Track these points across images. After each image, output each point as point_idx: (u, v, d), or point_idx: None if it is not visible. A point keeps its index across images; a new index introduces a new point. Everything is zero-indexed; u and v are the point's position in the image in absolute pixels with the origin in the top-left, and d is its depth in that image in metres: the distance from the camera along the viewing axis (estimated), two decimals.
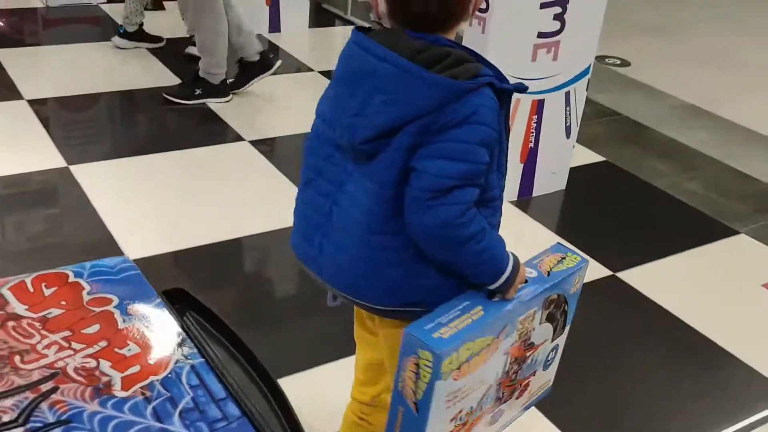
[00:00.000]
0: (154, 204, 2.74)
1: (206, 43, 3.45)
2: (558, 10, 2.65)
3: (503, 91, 1.20)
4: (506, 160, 1.30)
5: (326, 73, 4.07)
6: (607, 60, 4.59)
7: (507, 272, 1.25)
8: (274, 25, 4.51)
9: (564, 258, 1.43)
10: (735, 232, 2.92)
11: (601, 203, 3.11)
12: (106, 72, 3.89)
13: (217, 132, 3.35)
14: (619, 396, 2.10)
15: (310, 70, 4.15)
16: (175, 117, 3.51)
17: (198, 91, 3.51)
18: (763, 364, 2.23)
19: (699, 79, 4.53)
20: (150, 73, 3.85)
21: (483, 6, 2.55)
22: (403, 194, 1.18)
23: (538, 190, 3.01)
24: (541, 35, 2.67)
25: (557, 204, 3.03)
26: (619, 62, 4.63)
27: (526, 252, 1.40)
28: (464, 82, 1.14)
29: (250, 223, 2.67)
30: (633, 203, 3.12)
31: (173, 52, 4.10)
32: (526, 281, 1.32)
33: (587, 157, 3.38)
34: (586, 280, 1.48)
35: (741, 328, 2.40)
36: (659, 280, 2.58)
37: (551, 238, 2.80)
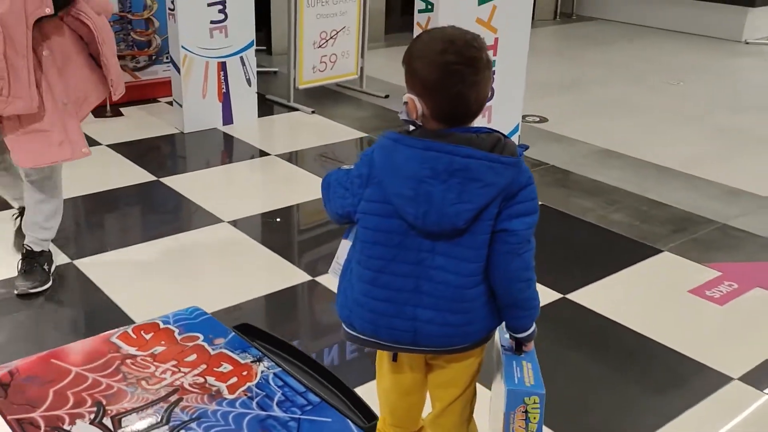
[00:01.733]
0: (159, 282, 3.04)
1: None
2: None
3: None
4: None
5: (283, 155, 4.49)
6: (527, 118, 5.16)
7: (530, 331, 1.64)
8: (227, 118, 4.92)
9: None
10: (659, 251, 3.42)
11: (542, 239, 3.53)
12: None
13: (195, 217, 3.69)
14: (580, 397, 2.49)
15: (265, 154, 4.55)
16: (149, 209, 3.84)
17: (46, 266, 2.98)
18: (699, 355, 2.67)
19: (607, 127, 5.13)
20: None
21: None
22: (488, 252, 1.52)
23: None
24: None
25: None
26: (538, 119, 5.20)
27: None
28: (520, 158, 1.50)
29: (248, 292, 3.00)
30: (570, 236, 3.60)
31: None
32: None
33: None
34: (543, 303, 1.82)
35: (676, 327, 2.85)
36: (603, 296, 3.03)
37: None
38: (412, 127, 1.56)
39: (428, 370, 1.72)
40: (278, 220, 3.56)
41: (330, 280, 3.09)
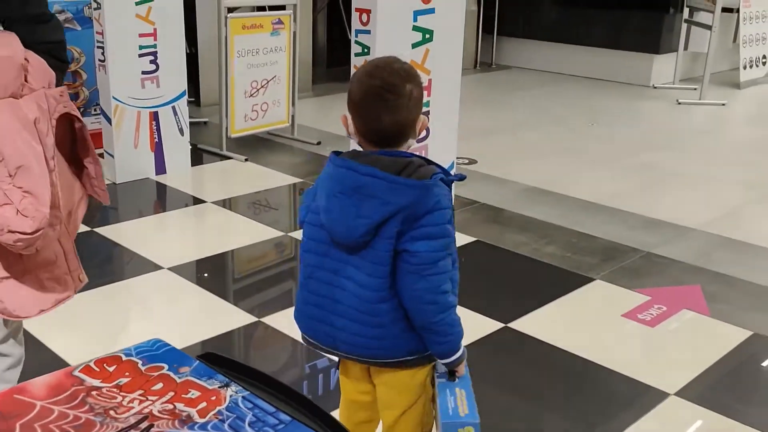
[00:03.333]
0: (97, 329, 2.98)
1: None
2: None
3: (449, 181, 1.64)
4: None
5: (218, 203, 4.49)
6: (458, 161, 5.31)
7: (462, 348, 1.66)
8: (160, 168, 4.89)
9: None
10: (591, 279, 3.56)
11: (481, 273, 3.67)
12: None
13: (132, 265, 3.64)
14: (528, 420, 2.57)
15: (200, 201, 4.54)
16: (85, 259, 3.76)
17: None
18: (636, 374, 2.79)
19: (533, 166, 5.34)
20: None
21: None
22: (393, 269, 1.60)
23: None
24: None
25: None
26: (467, 161, 5.37)
27: None
28: (428, 181, 1.58)
29: (192, 336, 2.98)
30: (507, 269, 3.72)
31: None
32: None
33: (462, 239, 3.97)
34: (487, 332, 1.90)
35: (613, 349, 2.97)
36: (543, 324, 3.14)
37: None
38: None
39: (374, 387, 1.81)
40: (206, 275, 3.55)
41: (275, 321, 3.11)
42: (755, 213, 4.59)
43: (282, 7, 5.58)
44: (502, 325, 3.11)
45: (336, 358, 1.84)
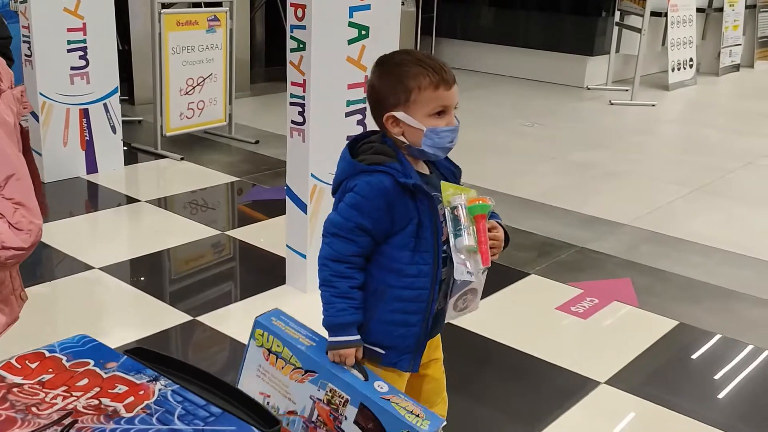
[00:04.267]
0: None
1: None
2: (360, 117, 3.26)
3: (409, 186, 1.62)
4: (436, 248, 1.66)
5: (152, 201, 4.40)
6: None
7: (330, 338, 1.64)
8: (91, 167, 4.76)
9: (419, 417, 1.56)
10: (527, 274, 3.62)
11: None
12: None
13: (63, 266, 3.54)
14: (466, 412, 2.59)
15: (134, 200, 4.44)
16: None
17: None
18: (569, 363, 2.84)
19: (474, 166, 5.37)
20: None
21: (300, 120, 3.10)
22: None
23: None
24: (350, 138, 3.25)
25: None
26: None
27: None
28: (360, 164, 1.64)
29: (125, 336, 2.90)
30: None
31: None
32: (365, 373, 1.63)
33: None
34: None
35: (548, 340, 3.03)
36: (479, 318, 3.15)
37: None
38: None
39: None
40: (140, 275, 3.48)
41: (211, 319, 3.06)
42: (682, 209, 4.73)
43: (218, 4, 5.51)
44: None
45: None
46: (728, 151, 6.07)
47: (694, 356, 3.00)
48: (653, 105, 7.69)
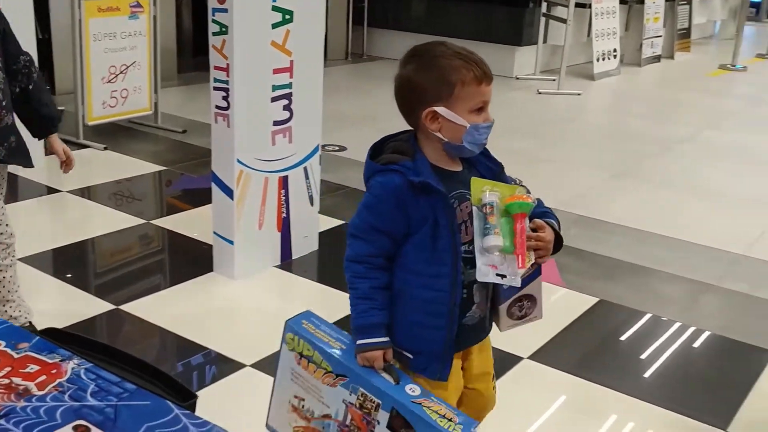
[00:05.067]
0: None
1: None
2: (286, 102, 3.25)
3: (416, 184, 1.55)
4: (454, 248, 1.57)
5: (75, 192, 4.29)
6: (327, 147, 5.33)
7: (357, 341, 1.58)
8: None
9: (451, 422, 1.47)
10: None
11: None
12: None
13: None
14: None
15: (55, 191, 4.32)
16: None
17: None
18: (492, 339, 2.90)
19: None
20: None
21: (224, 104, 3.07)
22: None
23: (296, 253, 3.52)
24: (276, 123, 3.24)
25: (314, 261, 3.57)
26: (338, 148, 5.40)
27: (297, 307, 1.85)
28: (376, 165, 1.60)
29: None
30: None
31: None
32: (397, 376, 1.56)
33: (330, 222, 3.99)
34: (346, 312, 1.84)
35: None
36: None
37: (316, 288, 3.32)
38: None
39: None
40: (62, 265, 3.39)
41: (135, 308, 3.01)
42: (605, 193, 4.88)
43: None
44: None
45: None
46: (648, 137, 6.28)
47: (613, 331, 3.11)
48: (579, 94, 7.89)
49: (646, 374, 2.81)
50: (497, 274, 1.51)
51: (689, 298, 3.47)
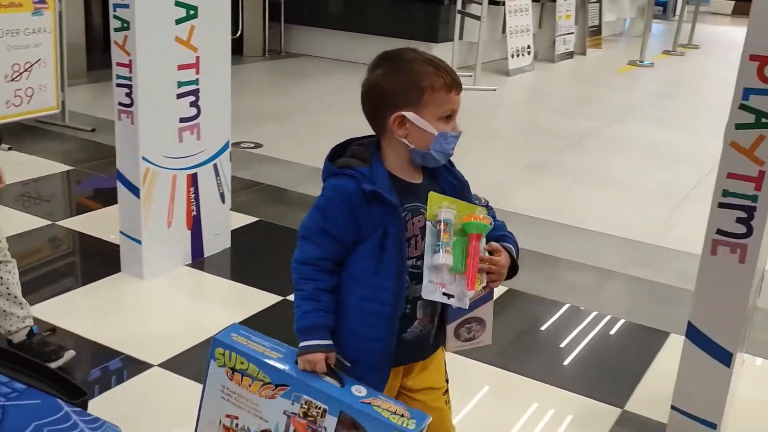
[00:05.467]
0: None
1: None
2: (193, 98, 3.21)
3: (367, 193, 1.52)
4: (400, 262, 1.53)
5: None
6: (242, 145, 5.29)
7: (300, 343, 1.54)
8: None
9: (403, 417, 1.45)
10: None
11: (263, 251, 3.70)
12: None
13: None
14: None
15: None
16: None
17: None
18: None
19: (319, 149, 5.41)
20: None
21: (128, 101, 3.02)
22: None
23: (208, 251, 3.49)
24: (183, 120, 3.20)
25: (227, 259, 3.54)
26: (253, 145, 5.36)
27: (208, 305, 1.79)
28: (332, 167, 1.58)
29: None
30: (288, 246, 3.74)
31: None
32: (341, 379, 1.52)
33: (244, 220, 3.96)
34: (266, 306, 1.78)
35: None
36: None
37: (229, 285, 3.30)
38: None
39: None
40: None
41: (42, 310, 2.93)
42: (515, 185, 5.01)
43: None
44: (281, 298, 3.15)
45: None
46: (559, 131, 6.47)
47: (524, 319, 3.20)
48: (494, 90, 8.06)
49: (555, 358, 2.91)
50: (444, 293, 1.48)
51: (595, 285, 3.61)
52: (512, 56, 9.03)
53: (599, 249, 3.98)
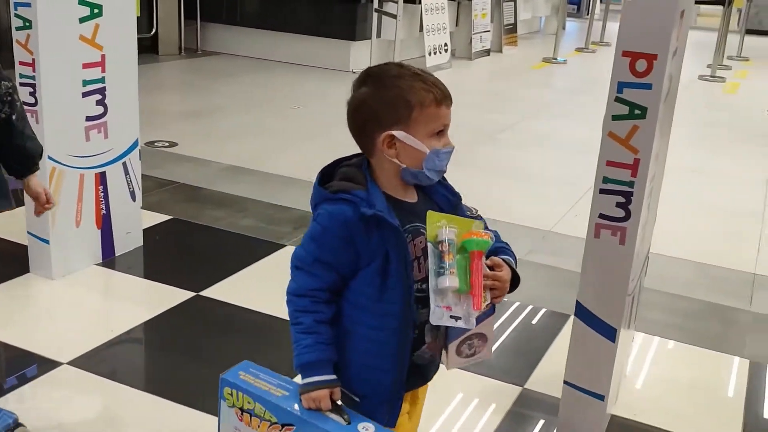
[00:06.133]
0: None
1: None
2: (99, 96, 3.20)
3: (369, 217, 1.43)
4: (406, 287, 1.46)
5: None
6: (156, 144, 5.26)
7: (302, 380, 1.48)
8: None
9: None
10: (282, 246, 3.77)
11: (176, 248, 3.72)
12: None
13: None
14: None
15: None
16: None
17: None
18: None
19: (236, 148, 5.46)
20: None
21: (32, 101, 2.99)
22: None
23: (119, 250, 3.48)
24: (89, 118, 3.19)
25: (139, 257, 3.54)
26: (168, 144, 5.33)
27: (118, 302, 1.80)
28: (325, 192, 1.48)
29: None
30: (203, 243, 3.80)
31: None
32: (347, 416, 1.46)
33: (157, 218, 3.96)
34: (178, 302, 1.77)
35: None
36: (232, 289, 3.27)
37: (141, 283, 3.31)
38: None
39: None
40: None
41: None
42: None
43: None
44: (194, 293, 3.18)
45: None
46: (475, 127, 6.65)
47: None
48: None
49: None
50: (452, 316, 1.43)
51: None
52: (429, 54, 9.20)
53: (506, 238, 4.12)
